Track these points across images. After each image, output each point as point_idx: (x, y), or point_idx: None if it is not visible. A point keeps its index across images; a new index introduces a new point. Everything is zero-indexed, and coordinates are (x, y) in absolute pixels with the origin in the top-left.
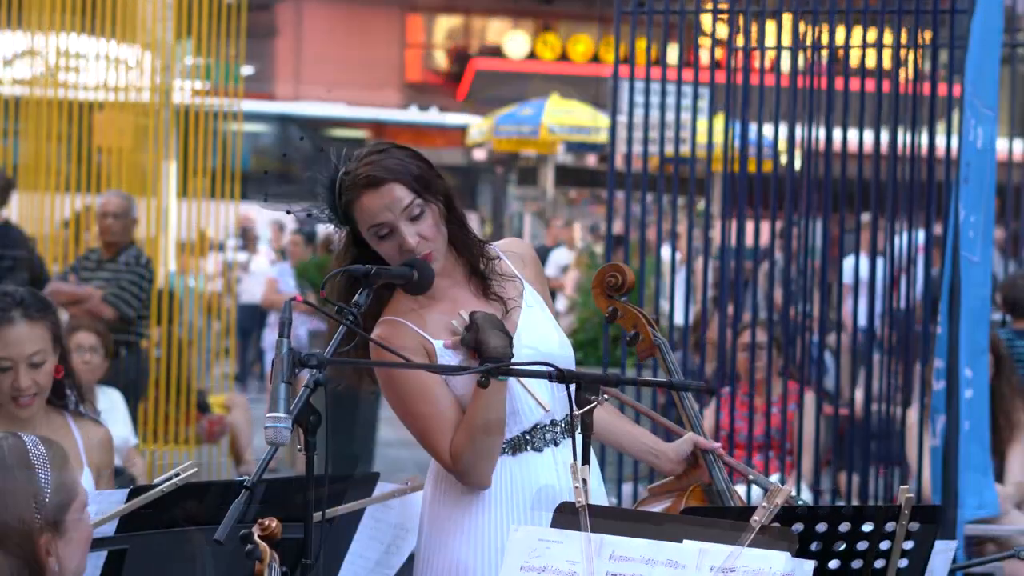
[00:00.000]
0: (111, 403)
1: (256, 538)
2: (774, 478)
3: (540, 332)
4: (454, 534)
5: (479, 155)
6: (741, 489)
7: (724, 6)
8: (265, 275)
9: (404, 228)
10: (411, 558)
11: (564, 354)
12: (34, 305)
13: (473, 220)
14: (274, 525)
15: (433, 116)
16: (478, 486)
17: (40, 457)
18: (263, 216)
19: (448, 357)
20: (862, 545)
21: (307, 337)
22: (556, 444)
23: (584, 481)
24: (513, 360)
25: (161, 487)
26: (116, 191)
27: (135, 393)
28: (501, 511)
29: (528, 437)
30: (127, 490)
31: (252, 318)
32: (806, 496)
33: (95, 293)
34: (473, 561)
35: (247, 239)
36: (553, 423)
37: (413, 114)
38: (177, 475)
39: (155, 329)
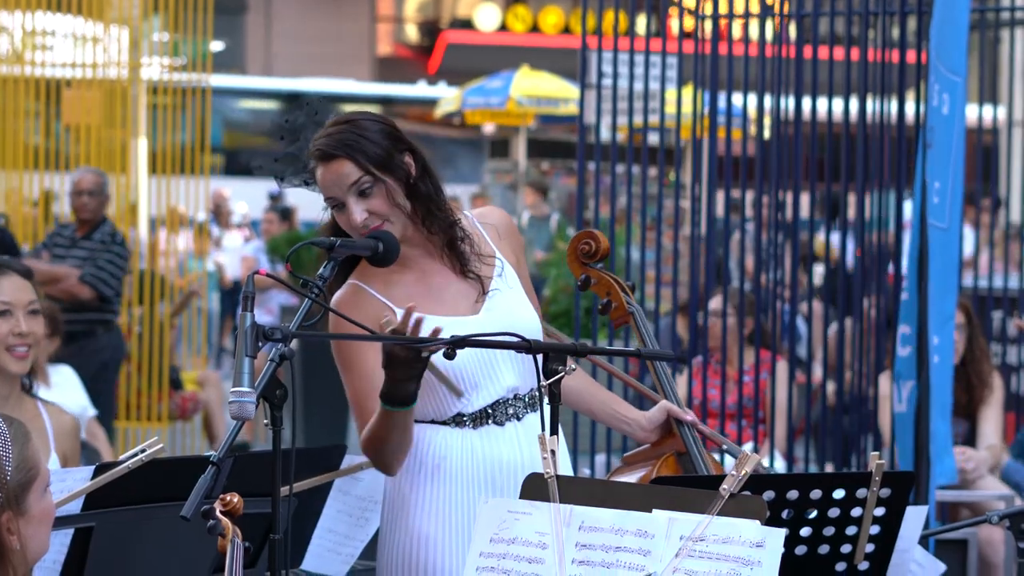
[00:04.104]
0: (63, 378)
1: (218, 514)
2: (747, 447)
3: (510, 319)
4: (416, 506)
5: (463, 128)
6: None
7: None
8: (238, 252)
9: (352, 204)
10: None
11: (531, 325)
12: (23, 268)
13: (463, 196)
14: (235, 501)
15: (407, 89)
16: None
17: (1, 435)
18: (236, 193)
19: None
20: (834, 512)
21: (279, 311)
22: (519, 419)
23: (552, 452)
24: (479, 331)
25: (127, 463)
26: (89, 168)
27: (113, 372)
28: (462, 484)
29: (490, 411)
30: (92, 467)
31: (226, 294)
32: (780, 465)
33: (72, 272)
34: (435, 533)
35: (219, 215)
36: (516, 397)
37: (385, 87)
38: (143, 451)
39: (132, 308)
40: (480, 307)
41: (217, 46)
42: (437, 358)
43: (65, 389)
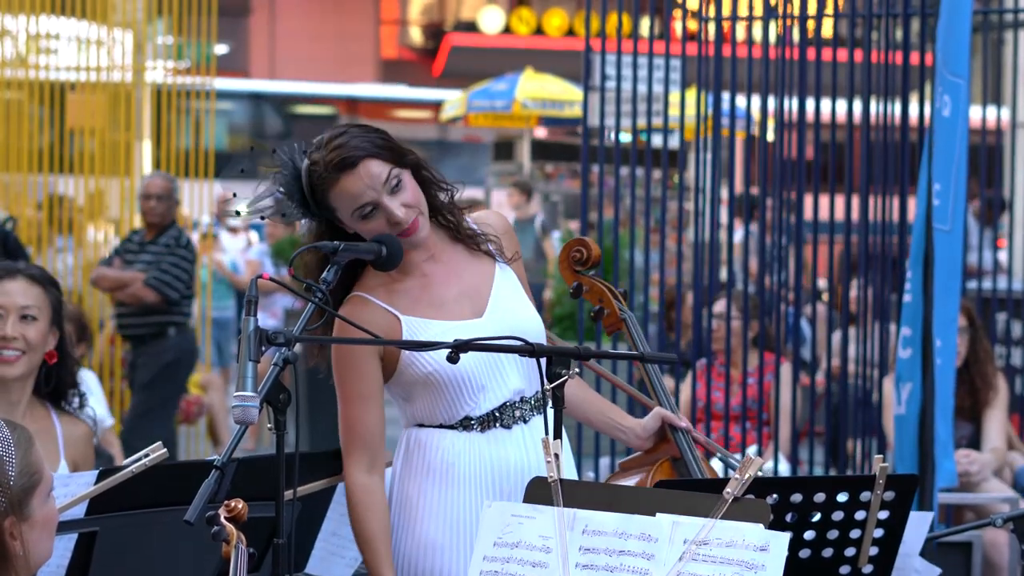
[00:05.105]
0: (86, 385)
1: (222, 520)
2: (751, 450)
3: (513, 322)
4: (422, 511)
5: (466, 130)
6: (717, 464)
7: None
8: (241, 255)
9: (389, 202)
10: None
11: (534, 327)
12: (40, 275)
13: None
14: (240, 506)
15: (409, 92)
16: None
17: (4, 440)
18: (241, 195)
19: (416, 328)
20: (837, 515)
21: (283, 315)
22: (525, 421)
23: (556, 456)
24: (483, 335)
25: (131, 468)
26: (159, 172)
27: (181, 373)
28: (469, 488)
29: (497, 414)
30: (96, 472)
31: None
32: (784, 468)
33: (137, 277)
34: (442, 538)
35: (222, 218)
36: (523, 400)
37: (388, 89)
38: (147, 456)
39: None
40: (484, 310)
41: (221, 49)
42: (445, 360)
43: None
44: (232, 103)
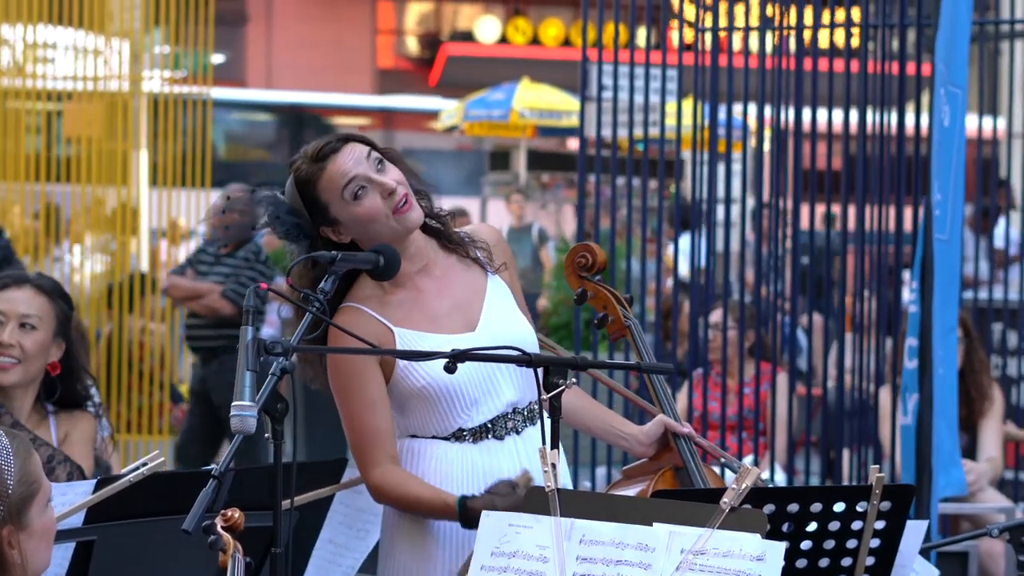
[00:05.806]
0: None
1: (219, 529)
2: (747, 460)
3: (507, 333)
4: (415, 521)
5: (463, 140)
6: (717, 471)
7: None
8: None
9: (377, 176)
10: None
11: (527, 339)
12: (52, 287)
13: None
14: (236, 516)
15: (405, 101)
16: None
17: (3, 449)
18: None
19: (409, 340)
20: (834, 525)
21: (279, 324)
22: (518, 432)
23: (553, 465)
24: (478, 345)
25: (128, 477)
26: (241, 185)
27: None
28: None
29: (490, 426)
30: (94, 481)
31: None
32: (780, 477)
33: (214, 288)
34: (434, 549)
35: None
36: (516, 411)
37: (382, 99)
38: (144, 465)
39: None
40: (476, 323)
41: (218, 58)
42: (439, 373)
43: None
44: (269, 115)
